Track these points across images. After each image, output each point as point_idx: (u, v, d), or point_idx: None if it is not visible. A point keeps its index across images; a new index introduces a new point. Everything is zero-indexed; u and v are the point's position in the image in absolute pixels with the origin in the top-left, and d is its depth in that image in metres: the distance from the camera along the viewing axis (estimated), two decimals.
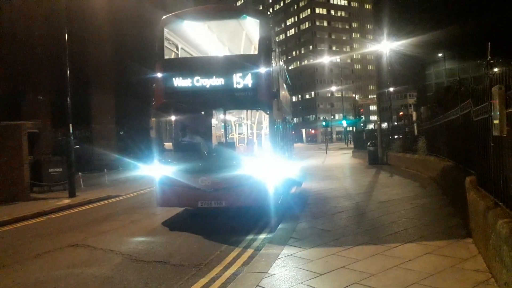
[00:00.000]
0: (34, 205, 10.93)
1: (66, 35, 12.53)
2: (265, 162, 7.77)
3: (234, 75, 7.68)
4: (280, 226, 6.93)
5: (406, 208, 7.94)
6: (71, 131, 12.65)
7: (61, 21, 12.86)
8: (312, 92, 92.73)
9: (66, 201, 11.58)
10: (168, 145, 9.00)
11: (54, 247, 6.75)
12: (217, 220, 8.42)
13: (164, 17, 8.43)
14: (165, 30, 8.29)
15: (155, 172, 8.02)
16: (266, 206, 7.76)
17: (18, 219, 9.30)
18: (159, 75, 7.96)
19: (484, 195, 4.78)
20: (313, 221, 7.25)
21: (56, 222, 9.30)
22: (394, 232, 6.06)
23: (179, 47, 9.29)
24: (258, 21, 8.45)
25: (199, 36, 9.85)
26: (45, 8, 21.77)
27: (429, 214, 7.25)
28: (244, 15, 9.02)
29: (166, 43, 8.38)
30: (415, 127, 14.95)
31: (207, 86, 7.73)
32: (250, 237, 6.81)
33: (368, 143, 20.16)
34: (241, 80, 7.66)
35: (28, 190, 12.64)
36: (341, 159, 26.25)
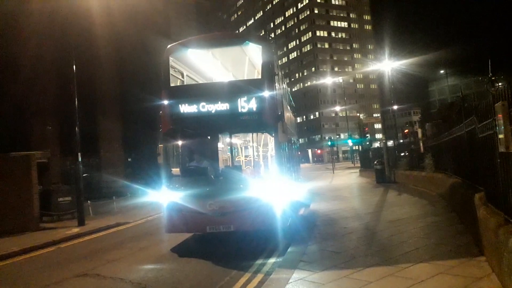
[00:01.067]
0: (44, 235, 10.95)
1: (74, 66, 12.90)
2: (272, 184, 7.79)
3: (239, 99, 7.79)
4: (289, 249, 6.87)
5: (416, 227, 7.84)
6: (80, 159, 12.81)
7: (70, 51, 13.26)
8: (317, 113, 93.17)
9: (75, 230, 11.59)
10: (176, 170, 9.06)
11: (64, 277, 6.73)
12: (226, 245, 8.37)
13: (169, 46, 8.65)
14: (171, 58, 8.48)
15: (163, 198, 8.05)
16: (275, 229, 7.70)
17: (28, 249, 9.30)
18: (166, 102, 8.10)
19: (494, 211, 4.74)
20: (322, 243, 7.18)
21: (66, 251, 9.29)
22: (405, 252, 5.98)
23: (185, 74, 9.49)
24: (260, 46, 8.64)
25: (203, 63, 10.08)
26: (53, 37, 22.43)
27: (440, 233, 7.15)
28: (246, 41, 9.22)
29: (171, 71, 8.57)
30: (421, 144, 14.94)
31: (213, 112, 7.86)
32: (259, 261, 6.75)
33: (375, 162, 20.06)
34: (246, 104, 7.77)
35: (38, 220, 12.66)
36: (348, 178, 26.09)
